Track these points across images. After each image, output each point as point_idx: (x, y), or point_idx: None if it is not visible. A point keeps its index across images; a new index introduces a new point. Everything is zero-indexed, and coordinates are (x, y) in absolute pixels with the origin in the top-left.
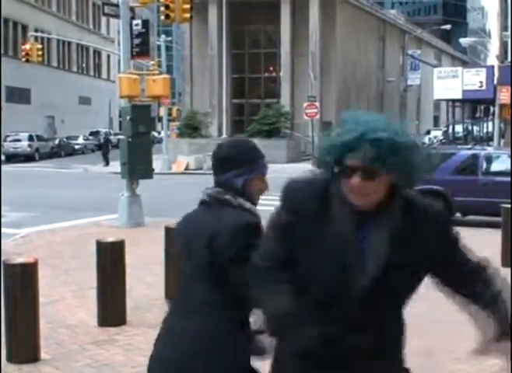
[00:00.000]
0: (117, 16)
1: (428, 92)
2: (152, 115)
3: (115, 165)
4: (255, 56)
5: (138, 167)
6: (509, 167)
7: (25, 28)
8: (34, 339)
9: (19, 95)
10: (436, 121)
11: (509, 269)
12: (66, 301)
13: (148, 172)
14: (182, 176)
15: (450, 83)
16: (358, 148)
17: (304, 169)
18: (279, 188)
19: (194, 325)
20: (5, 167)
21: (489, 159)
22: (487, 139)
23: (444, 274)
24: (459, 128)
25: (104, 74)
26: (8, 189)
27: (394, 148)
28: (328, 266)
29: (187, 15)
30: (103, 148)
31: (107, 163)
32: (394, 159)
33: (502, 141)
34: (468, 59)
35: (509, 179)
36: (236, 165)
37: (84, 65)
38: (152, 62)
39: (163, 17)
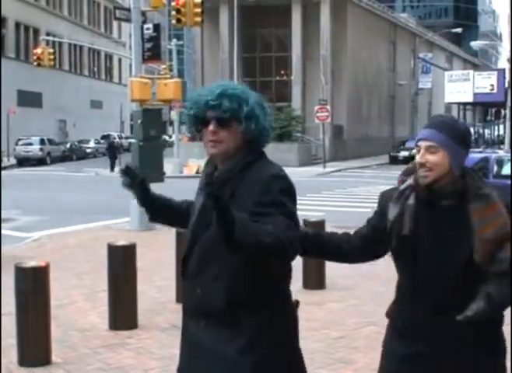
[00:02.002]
0: (128, 20)
1: (439, 95)
2: (164, 119)
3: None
4: (266, 60)
5: (149, 171)
6: None
7: (36, 32)
8: (46, 342)
9: (31, 99)
10: None
11: None
12: (78, 304)
13: (159, 176)
14: (193, 180)
15: (462, 86)
16: (217, 102)
17: (315, 172)
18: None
19: None
20: (16, 171)
21: (500, 162)
22: (498, 142)
23: None
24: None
25: (116, 78)
26: (20, 193)
27: (243, 101)
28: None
29: (199, 19)
30: (109, 152)
31: (112, 169)
32: (244, 110)
33: None
34: (479, 62)
35: None
36: None
37: (95, 69)
38: (163, 66)
39: (174, 21)
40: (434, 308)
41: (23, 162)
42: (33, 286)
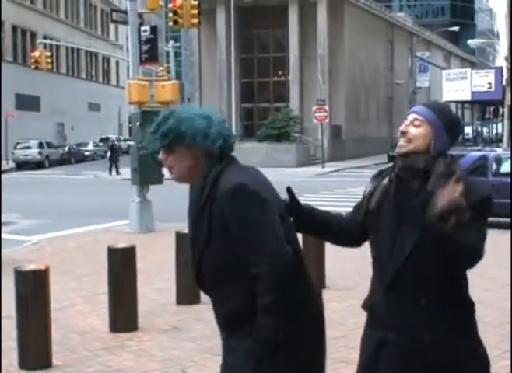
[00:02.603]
0: (125, 23)
1: (437, 94)
2: None
3: (121, 172)
4: (264, 60)
5: (148, 173)
6: None
7: (34, 35)
8: (46, 345)
9: (29, 103)
10: None
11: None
12: (77, 307)
13: (158, 178)
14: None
15: (459, 85)
16: (155, 132)
17: (314, 172)
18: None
19: None
20: (15, 174)
21: (499, 160)
22: (497, 140)
23: None
24: (468, 130)
25: (113, 81)
26: (19, 196)
27: (175, 120)
28: None
29: (196, 21)
30: (110, 155)
31: (117, 172)
32: (176, 128)
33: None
34: (476, 60)
35: None
36: None
37: (93, 72)
38: (160, 68)
39: (171, 23)
40: (389, 287)
41: (22, 165)
42: (32, 289)
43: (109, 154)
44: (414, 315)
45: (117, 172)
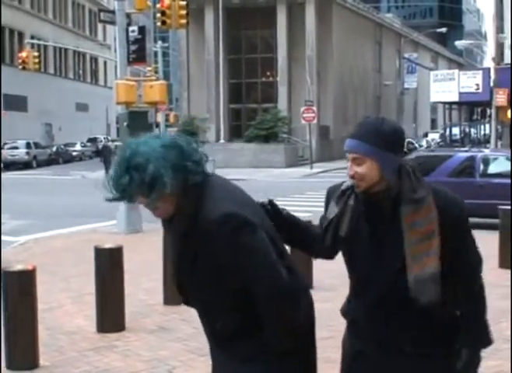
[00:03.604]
0: (113, 23)
1: (425, 95)
2: (150, 121)
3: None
4: (252, 61)
5: None
6: (505, 169)
7: (21, 35)
8: (33, 345)
9: (16, 103)
10: (433, 124)
11: (508, 270)
12: (65, 307)
13: None
14: None
15: (447, 86)
16: (122, 183)
17: (302, 173)
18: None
19: None
20: (2, 175)
21: (486, 161)
22: (484, 141)
23: None
24: (456, 131)
25: (101, 81)
26: (7, 196)
27: (145, 167)
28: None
29: (184, 21)
30: (102, 154)
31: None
32: (147, 178)
33: (499, 142)
34: (464, 62)
35: (506, 180)
36: None
37: (81, 72)
38: (148, 68)
39: (159, 23)
40: (373, 307)
41: (9, 165)
42: (20, 290)
43: (102, 156)
44: (399, 330)
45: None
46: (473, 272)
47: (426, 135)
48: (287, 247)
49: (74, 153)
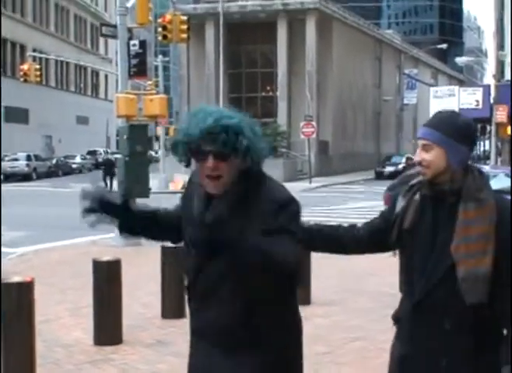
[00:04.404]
0: (114, 37)
1: (424, 111)
2: (150, 134)
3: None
4: (252, 75)
5: (134, 186)
6: (505, 185)
7: (23, 48)
8: (30, 358)
9: (17, 115)
10: None
11: None
12: (62, 320)
13: (144, 192)
14: (179, 195)
15: (447, 102)
16: (214, 134)
17: (301, 187)
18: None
19: None
20: (2, 186)
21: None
22: (484, 158)
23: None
24: None
25: (102, 94)
26: (5, 208)
27: (240, 133)
28: (187, 235)
29: (184, 36)
30: (104, 169)
31: (111, 188)
32: (243, 143)
33: (499, 159)
34: (464, 78)
35: (506, 197)
36: None
37: (82, 85)
38: (149, 82)
39: (160, 38)
40: (417, 306)
41: (9, 177)
42: (17, 301)
43: (102, 169)
44: (436, 338)
45: (111, 187)
46: None
47: None
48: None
49: (74, 165)
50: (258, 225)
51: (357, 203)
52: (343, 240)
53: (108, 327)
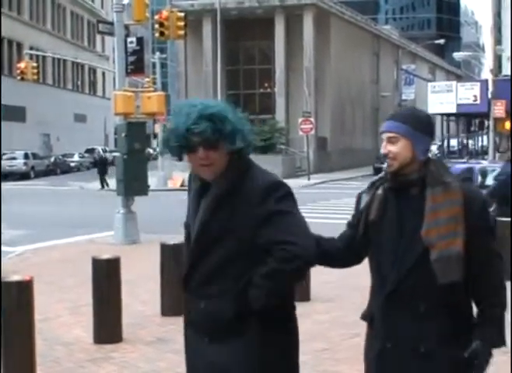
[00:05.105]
0: (111, 34)
1: (422, 106)
2: (148, 132)
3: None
4: (250, 72)
5: (133, 184)
6: None
7: (20, 46)
8: (30, 356)
9: (15, 114)
10: None
11: (508, 281)
12: (62, 318)
13: (143, 189)
14: (178, 193)
15: (445, 97)
16: (200, 126)
17: (300, 184)
18: None
19: None
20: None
21: (484, 173)
22: (482, 153)
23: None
24: (454, 142)
25: (99, 92)
26: (4, 207)
27: (224, 118)
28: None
29: (182, 33)
30: (98, 167)
31: (103, 186)
32: (228, 127)
33: (497, 154)
34: (462, 73)
35: None
36: None
37: (79, 83)
38: (147, 79)
39: (157, 34)
40: (389, 297)
41: (7, 176)
42: (17, 300)
43: (97, 168)
44: (411, 324)
45: (107, 185)
46: (490, 267)
47: None
48: None
49: (72, 164)
50: (248, 211)
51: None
52: (332, 254)
53: (108, 325)
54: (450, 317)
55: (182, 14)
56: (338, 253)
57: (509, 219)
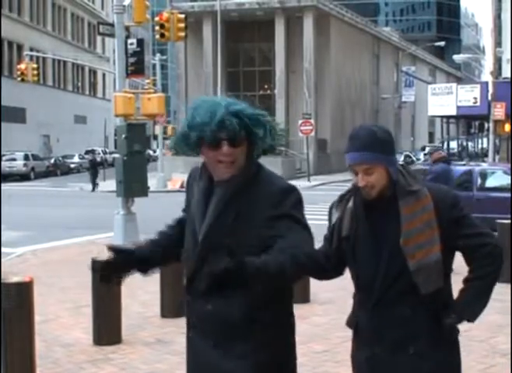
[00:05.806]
0: (112, 35)
1: (422, 108)
2: (148, 133)
3: (106, 185)
4: (250, 74)
5: (133, 185)
6: (503, 183)
7: (20, 47)
8: (30, 358)
9: (15, 115)
10: (430, 137)
11: (507, 284)
12: (62, 319)
13: (143, 190)
14: (177, 194)
15: (445, 99)
16: (226, 121)
17: (300, 186)
18: None
19: None
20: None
21: (484, 175)
22: (482, 155)
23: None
24: (454, 144)
25: (100, 93)
26: (4, 208)
27: (251, 117)
28: (190, 227)
29: (182, 34)
30: (90, 170)
31: (93, 188)
32: (254, 127)
33: (497, 156)
34: (462, 75)
35: (503, 194)
36: None
37: (79, 84)
38: (147, 81)
39: (157, 36)
40: (376, 304)
41: (7, 177)
42: (17, 301)
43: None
44: (399, 327)
45: (97, 186)
46: (482, 239)
47: (423, 149)
48: None
49: (72, 165)
50: (260, 210)
51: None
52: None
53: (107, 326)
54: (437, 318)
55: (182, 15)
56: (319, 268)
57: (509, 220)
